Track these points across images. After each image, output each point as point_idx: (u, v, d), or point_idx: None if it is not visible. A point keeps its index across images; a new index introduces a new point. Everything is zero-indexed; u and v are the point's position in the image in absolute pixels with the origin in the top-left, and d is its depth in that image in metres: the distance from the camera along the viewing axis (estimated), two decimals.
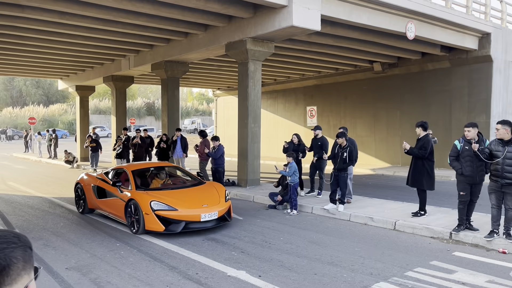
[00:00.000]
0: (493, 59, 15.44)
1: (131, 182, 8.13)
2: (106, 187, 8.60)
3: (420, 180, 8.21)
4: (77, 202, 9.58)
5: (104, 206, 8.64)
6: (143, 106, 61.20)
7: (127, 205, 7.70)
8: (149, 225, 7.27)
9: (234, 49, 12.04)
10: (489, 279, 5.28)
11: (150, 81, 24.36)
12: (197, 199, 7.86)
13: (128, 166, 9.19)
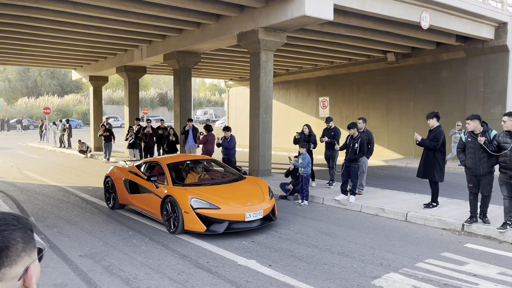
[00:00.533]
0: (510, 49, 15.12)
1: (167, 177, 7.56)
2: (140, 182, 8.02)
3: (432, 171, 8.15)
4: (107, 197, 8.99)
5: (137, 202, 8.05)
6: (156, 96, 61.52)
7: (163, 202, 7.11)
8: (189, 225, 6.65)
9: (246, 39, 12.00)
10: (501, 271, 5.24)
11: (163, 71, 24.44)
12: (240, 196, 7.21)
13: (163, 159, 8.57)
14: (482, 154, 6.73)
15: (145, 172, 8.24)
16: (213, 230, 6.59)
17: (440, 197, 8.64)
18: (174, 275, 5.18)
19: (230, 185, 7.65)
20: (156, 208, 7.34)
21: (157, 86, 70.06)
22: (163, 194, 7.19)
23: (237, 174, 8.41)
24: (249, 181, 7.89)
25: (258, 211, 6.86)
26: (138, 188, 8.06)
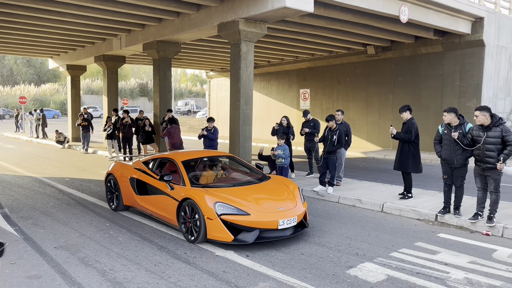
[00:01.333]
0: (486, 43, 15.45)
1: (184, 176, 6.60)
2: (150, 181, 7.07)
3: (406, 163, 8.36)
4: (109, 197, 8.06)
5: (146, 205, 7.08)
6: (136, 86, 60.69)
7: (180, 206, 6.21)
8: (213, 233, 5.75)
9: (226, 30, 11.92)
10: (472, 260, 5.41)
11: (143, 61, 24.09)
12: (269, 199, 6.29)
13: (175, 154, 7.48)
14: (456, 147, 6.90)
15: (155, 170, 7.32)
16: (241, 240, 5.67)
17: (415, 188, 8.81)
18: (151, 266, 5.17)
19: (255, 187, 6.65)
20: (170, 212, 6.42)
21: (138, 76, 69.10)
22: (179, 196, 6.24)
23: (260, 173, 7.38)
24: (276, 182, 6.93)
25: (292, 217, 5.94)
26: (148, 189, 7.13)
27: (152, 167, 7.45)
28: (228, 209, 5.77)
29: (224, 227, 5.68)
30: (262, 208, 5.92)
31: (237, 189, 6.44)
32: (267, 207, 6.00)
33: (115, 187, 7.90)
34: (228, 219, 5.71)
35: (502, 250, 5.81)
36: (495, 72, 16.21)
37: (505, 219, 6.80)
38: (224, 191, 6.23)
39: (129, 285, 4.62)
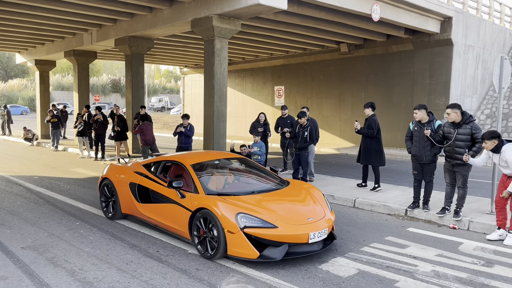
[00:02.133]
0: (454, 42, 15.89)
1: (195, 182, 5.85)
2: (155, 188, 6.27)
3: (369, 157, 8.89)
4: (104, 204, 7.25)
5: (151, 214, 6.29)
6: (108, 82, 59.48)
7: (193, 216, 5.47)
8: (234, 249, 5.02)
9: (200, 26, 11.83)
10: (439, 253, 5.57)
11: (115, 57, 23.64)
12: (296, 208, 5.58)
13: (182, 157, 6.63)
14: (426, 143, 7.08)
15: (159, 175, 6.56)
16: (268, 257, 4.94)
17: (386, 184, 9.01)
18: (123, 265, 5.09)
19: (277, 194, 5.92)
20: (181, 223, 5.68)
21: (110, 72, 67.77)
22: (192, 206, 5.49)
23: (277, 177, 6.66)
24: (297, 187, 6.21)
25: (323, 229, 5.25)
26: (152, 196, 6.36)
27: (155, 171, 6.67)
28: (252, 221, 5.03)
29: (248, 242, 4.94)
30: (289, 220, 5.19)
31: (258, 197, 5.67)
32: (295, 218, 5.25)
33: (111, 193, 7.10)
34: (252, 233, 4.97)
35: (467, 243, 6.00)
36: (463, 71, 16.70)
37: (471, 213, 7.03)
38: (244, 200, 5.48)
39: (99, 284, 4.55)
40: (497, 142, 5.99)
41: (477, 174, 8.25)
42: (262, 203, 5.43)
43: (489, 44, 18.19)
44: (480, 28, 17.42)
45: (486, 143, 6.06)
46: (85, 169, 12.52)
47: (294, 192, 6.07)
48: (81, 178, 11.06)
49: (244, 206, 5.24)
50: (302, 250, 5.14)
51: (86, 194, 9.07)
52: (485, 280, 4.72)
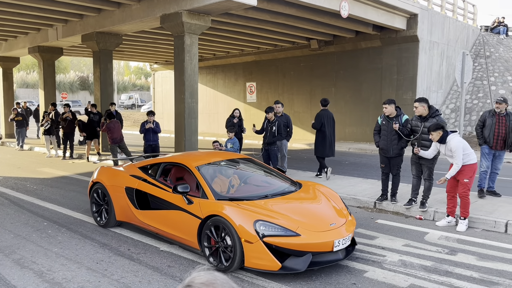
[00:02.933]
0: (420, 39, 16.32)
1: (203, 187, 5.33)
2: (157, 193, 5.72)
3: (317, 148, 9.98)
4: (96, 211, 6.64)
5: (152, 222, 5.73)
6: (76, 80, 57.93)
7: (204, 225, 4.96)
8: (253, 260, 4.55)
9: (169, 22, 11.70)
10: (406, 243, 5.75)
11: (82, 53, 23.07)
12: (316, 213, 5.12)
13: (185, 158, 6.10)
14: (393, 137, 7.26)
15: (159, 178, 6.02)
16: (290, 268, 4.50)
17: (356, 178, 9.20)
18: (93, 265, 5.02)
19: (292, 197, 5.45)
20: (188, 232, 5.16)
21: (78, 69, 66.04)
22: (202, 213, 4.97)
23: (287, 178, 6.19)
24: (311, 189, 5.76)
25: (347, 235, 4.84)
26: (152, 202, 5.81)
27: (154, 174, 6.14)
28: (272, 229, 4.56)
29: (269, 252, 4.48)
30: (312, 226, 4.75)
31: (273, 201, 5.19)
32: (318, 224, 4.83)
33: (103, 199, 6.53)
34: (273, 242, 4.50)
35: (433, 233, 6.22)
36: (428, 66, 17.19)
37: (436, 204, 7.28)
38: (259, 205, 5.00)
39: (68, 285, 4.47)
40: (442, 133, 6.28)
41: (442, 166, 8.53)
42: (279, 209, 4.98)
43: (453, 40, 18.79)
44: (445, 25, 17.97)
45: (433, 135, 6.34)
46: (52, 169, 12.21)
47: (310, 194, 5.62)
48: (49, 178, 10.78)
49: (261, 212, 4.77)
50: (327, 259, 4.70)
51: (54, 194, 8.86)
52: (449, 267, 4.91)
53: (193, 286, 0.99)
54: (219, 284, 0.99)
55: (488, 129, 7.75)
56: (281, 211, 4.92)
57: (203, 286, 0.98)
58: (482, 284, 4.46)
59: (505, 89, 17.81)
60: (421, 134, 6.86)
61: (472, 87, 18.43)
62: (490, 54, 19.75)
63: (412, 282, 4.52)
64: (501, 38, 21.26)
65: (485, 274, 4.70)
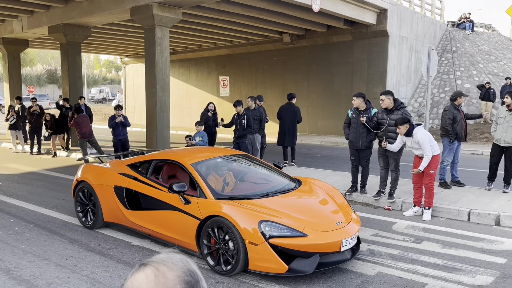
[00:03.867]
0: (389, 34, 16.65)
1: (201, 185, 5.06)
2: (150, 192, 5.41)
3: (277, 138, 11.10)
4: (81, 211, 6.27)
5: (145, 223, 5.40)
6: (43, 73, 56.16)
7: (203, 225, 4.70)
8: (258, 263, 4.32)
9: (139, 14, 11.51)
10: (374, 233, 5.92)
11: (49, 45, 22.41)
12: (321, 212, 4.92)
13: (179, 155, 5.76)
14: (362, 130, 7.42)
15: (150, 176, 5.70)
16: (298, 270, 4.29)
17: (327, 170, 9.36)
18: (62, 261, 4.94)
19: (293, 195, 5.22)
20: (186, 233, 4.89)
21: (45, 62, 64.09)
22: (201, 213, 4.70)
23: (285, 175, 5.97)
24: (311, 186, 5.55)
25: (354, 234, 4.67)
26: (145, 201, 5.52)
27: (145, 172, 5.83)
28: (278, 229, 4.33)
29: (275, 254, 4.25)
30: (318, 226, 4.55)
31: (275, 199, 4.97)
32: (324, 224, 4.64)
33: (89, 199, 6.17)
34: (279, 243, 4.28)
35: (400, 223, 6.42)
36: (398, 61, 17.57)
37: (403, 195, 7.50)
38: (261, 204, 4.76)
39: (36, 281, 4.39)
40: (409, 126, 6.48)
41: (410, 158, 8.79)
42: (283, 207, 4.76)
43: (421, 35, 19.25)
44: (413, 20, 18.38)
45: (400, 128, 6.52)
46: (19, 164, 11.87)
47: (312, 192, 5.40)
48: (15, 174, 10.48)
49: (265, 212, 4.55)
50: (334, 259, 4.53)
51: (21, 190, 8.63)
52: (415, 255, 5.09)
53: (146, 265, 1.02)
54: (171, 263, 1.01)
55: (459, 124, 7.98)
56: (285, 210, 4.70)
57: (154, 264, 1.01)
58: (445, 270, 4.65)
59: (470, 83, 18.41)
60: (388, 126, 7.04)
61: (440, 81, 18.97)
62: (456, 49, 20.35)
63: (379, 270, 4.66)
64: (467, 33, 21.93)
65: (448, 261, 4.90)
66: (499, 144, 7.56)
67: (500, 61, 20.41)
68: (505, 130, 7.42)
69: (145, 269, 1.00)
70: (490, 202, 6.99)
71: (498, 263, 4.83)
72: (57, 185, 9.16)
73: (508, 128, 7.39)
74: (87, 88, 50.89)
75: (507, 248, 5.33)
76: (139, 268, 1.02)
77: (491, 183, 7.82)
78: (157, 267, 1.01)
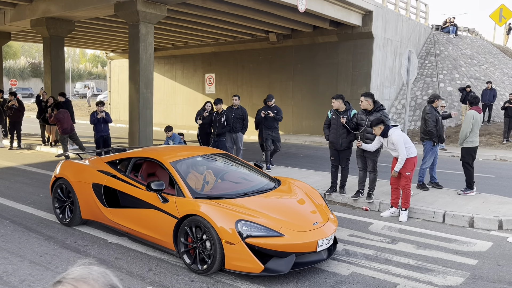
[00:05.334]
0: (374, 35, 16.81)
1: (179, 184, 5.03)
2: (127, 190, 5.36)
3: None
4: (58, 208, 6.19)
5: (122, 221, 5.37)
6: (27, 66, 55.25)
7: (181, 224, 4.68)
8: (234, 262, 4.34)
9: (124, 10, 11.41)
10: (351, 233, 5.99)
11: (33, 39, 22.05)
12: (298, 212, 4.94)
13: (158, 153, 5.71)
14: (342, 130, 7.50)
15: (129, 174, 5.64)
16: (273, 270, 4.33)
17: (309, 170, 9.44)
18: (36, 258, 4.90)
19: (272, 195, 5.23)
20: (163, 232, 4.86)
21: (30, 55, 63.02)
22: (179, 212, 4.69)
23: (265, 175, 5.95)
24: (290, 186, 5.58)
25: (330, 234, 4.71)
26: (123, 199, 5.45)
27: (124, 169, 5.75)
28: (255, 229, 4.35)
29: (251, 254, 4.27)
30: (295, 226, 4.58)
31: (253, 199, 4.98)
32: (301, 224, 4.65)
33: (67, 196, 6.10)
34: (255, 243, 4.30)
35: (377, 223, 6.51)
36: (382, 62, 17.76)
37: (381, 196, 7.61)
38: (239, 204, 4.77)
39: (9, 278, 4.35)
40: (383, 127, 6.58)
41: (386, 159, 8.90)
42: (260, 207, 4.78)
43: (406, 38, 19.48)
44: (398, 23, 18.59)
45: (375, 129, 6.63)
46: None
47: (290, 191, 5.43)
48: None
49: (242, 212, 4.55)
50: (310, 259, 4.56)
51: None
52: (389, 256, 5.17)
53: (63, 282, 0.91)
54: (92, 279, 0.92)
55: (439, 126, 8.13)
56: (262, 210, 4.72)
57: (72, 282, 0.91)
58: (417, 271, 4.74)
59: (452, 86, 18.71)
60: (366, 127, 7.13)
61: (423, 84, 19.23)
62: (439, 53, 20.64)
63: (354, 270, 4.73)
64: (451, 37, 22.27)
65: (421, 262, 5.00)
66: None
67: (482, 65, 20.79)
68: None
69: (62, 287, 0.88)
70: (465, 204, 7.14)
71: (469, 264, 4.94)
72: (36, 181, 9.05)
73: None
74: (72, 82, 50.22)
75: (479, 249, 5.46)
76: (55, 285, 0.91)
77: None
78: (76, 285, 0.91)
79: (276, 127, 10.38)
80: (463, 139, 7.68)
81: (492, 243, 5.70)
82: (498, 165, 12.31)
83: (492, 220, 6.35)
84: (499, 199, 7.56)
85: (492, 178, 10.21)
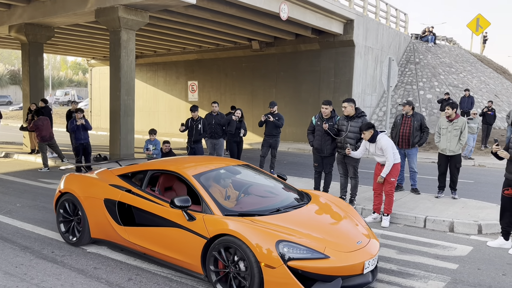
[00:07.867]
0: (355, 44, 17.03)
1: (206, 200, 4.51)
2: (146, 207, 4.82)
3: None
4: (64, 226, 5.65)
5: (140, 241, 4.84)
6: (6, 73, 54.25)
7: (210, 246, 4.18)
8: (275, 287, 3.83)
9: (104, 16, 11.30)
10: None
11: (11, 45, 21.66)
12: (340, 231, 4.45)
13: (178, 165, 5.19)
14: (327, 137, 7.52)
15: (145, 188, 5.11)
16: None
17: (292, 176, 9.43)
18: (11, 269, 4.75)
19: (306, 211, 4.72)
20: (190, 254, 4.35)
21: (8, 62, 61.94)
22: (209, 232, 4.18)
23: (292, 187, 5.45)
24: (323, 201, 5.11)
25: (375, 254, 4.25)
26: (140, 217, 4.89)
27: (139, 183, 5.26)
28: (297, 250, 3.87)
29: (294, 279, 3.78)
30: (339, 246, 4.10)
31: (288, 216, 4.48)
32: (345, 244, 4.17)
33: (74, 212, 5.55)
34: (299, 266, 3.81)
35: None
36: (364, 70, 17.99)
37: (364, 201, 7.64)
38: (275, 222, 4.26)
39: None
40: (373, 131, 6.62)
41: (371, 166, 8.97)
42: (298, 225, 4.28)
43: (387, 46, 19.79)
44: (379, 31, 18.89)
45: (365, 134, 6.63)
46: None
47: (326, 207, 4.97)
48: None
49: (281, 231, 4.05)
50: (357, 282, 4.06)
51: None
52: None
53: None
54: None
55: (395, 130, 8.35)
56: (301, 228, 4.21)
57: None
58: (400, 276, 4.75)
59: (431, 94, 19.05)
60: (348, 133, 7.18)
61: (403, 91, 19.53)
62: (419, 61, 21.04)
63: None
64: (430, 46, 22.73)
65: (402, 267, 5.02)
66: (445, 154, 7.92)
67: (460, 73, 21.25)
68: (449, 140, 7.82)
69: None
70: (445, 209, 7.22)
71: (450, 269, 4.98)
72: (12, 190, 8.82)
73: (452, 138, 7.79)
74: (51, 90, 49.46)
75: (459, 254, 5.51)
76: None
77: (441, 192, 8.14)
78: None
79: (275, 135, 10.11)
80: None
81: (472, 247, 5.77)
82: (477, 170, 12.53)
83: (471, 225, 6.43)
84: (478, 204, 7.68)
85: (471, 183, 10.38)
